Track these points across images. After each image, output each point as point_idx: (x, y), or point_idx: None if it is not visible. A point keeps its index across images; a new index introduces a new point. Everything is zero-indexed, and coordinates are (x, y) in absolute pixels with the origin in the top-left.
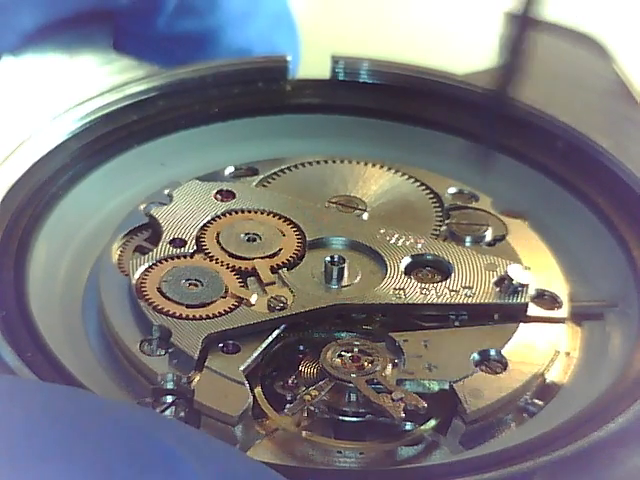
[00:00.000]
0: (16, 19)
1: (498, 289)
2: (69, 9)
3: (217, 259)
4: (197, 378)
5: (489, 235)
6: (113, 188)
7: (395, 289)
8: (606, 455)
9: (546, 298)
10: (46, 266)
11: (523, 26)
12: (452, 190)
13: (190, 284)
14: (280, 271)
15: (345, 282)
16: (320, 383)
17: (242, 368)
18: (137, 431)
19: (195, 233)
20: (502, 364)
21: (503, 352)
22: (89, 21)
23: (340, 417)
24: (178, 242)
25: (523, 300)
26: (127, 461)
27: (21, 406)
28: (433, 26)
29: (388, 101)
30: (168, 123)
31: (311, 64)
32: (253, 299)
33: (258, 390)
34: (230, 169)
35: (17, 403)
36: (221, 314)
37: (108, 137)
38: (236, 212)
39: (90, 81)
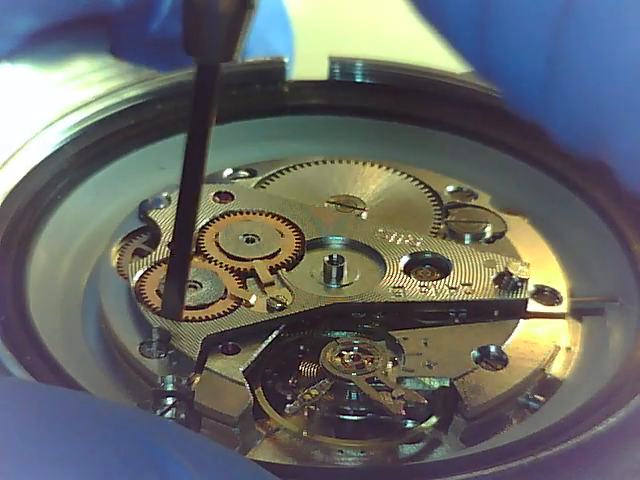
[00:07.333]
0: (11, 24)
1: (497, 285)
2: (64, 14)
3: (216, 260)
4: (197, 379)
5: (488, 232)
6: (112, 192)
7: (394, 287)
8: (607, 449)
9: (546, 294)
10: (46, 270)
11: None
12: (450, 188)
13: (189, 286)
14: (279, 271)
15: (344, 281)
16: (320, 382)
17: (242, 369)
18: (133, 434)
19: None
20: (502, 360)
21: (503, 348)
22: (85, 26)
23: (341, 416)
24: None
25: (523, 296)
26: (122, 465)
27: (13, 408)
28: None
29: (386, 101)
30: (166, 126)
31: (308, 65)
32: (252, 300)
33: (258, 390)
34: (229, 171)
35: (9, 405)
36: (220, 315)
37: (106, 141)
38: (234, 213)
39: (87, 86)
